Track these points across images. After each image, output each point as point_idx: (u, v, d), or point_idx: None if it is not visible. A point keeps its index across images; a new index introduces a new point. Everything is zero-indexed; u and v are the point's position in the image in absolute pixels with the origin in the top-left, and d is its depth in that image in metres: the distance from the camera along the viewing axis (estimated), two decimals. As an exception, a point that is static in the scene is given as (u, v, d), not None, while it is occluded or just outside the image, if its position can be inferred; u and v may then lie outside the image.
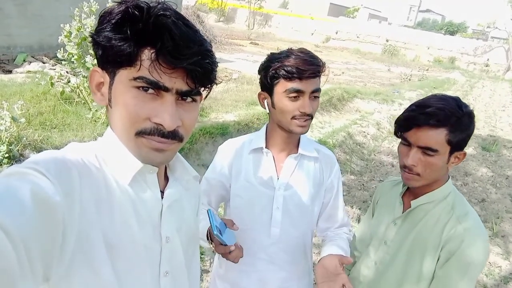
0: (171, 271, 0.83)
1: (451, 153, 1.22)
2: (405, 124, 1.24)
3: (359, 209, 4.38)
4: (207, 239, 1.27)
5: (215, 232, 1.10)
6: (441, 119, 1.16)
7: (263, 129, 1.46)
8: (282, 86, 1.28)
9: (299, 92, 1.26)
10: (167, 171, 0.89)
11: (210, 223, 1.12)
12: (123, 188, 0.75)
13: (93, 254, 0.67)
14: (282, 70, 1.26)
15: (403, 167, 1.27)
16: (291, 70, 1.25)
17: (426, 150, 1.20)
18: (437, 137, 1.18)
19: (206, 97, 0.82)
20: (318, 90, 1.31)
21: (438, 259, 1.23)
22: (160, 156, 0.74)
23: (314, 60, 1.28)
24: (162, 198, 0.83)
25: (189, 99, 0.75)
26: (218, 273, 1.56)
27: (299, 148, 1.41)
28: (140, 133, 0.71)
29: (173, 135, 0.73)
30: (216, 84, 0.79)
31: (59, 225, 0.59)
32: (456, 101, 1.21)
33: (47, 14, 7.68)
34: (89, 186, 0.69)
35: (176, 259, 0.85)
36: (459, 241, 1.18)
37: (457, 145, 1.20)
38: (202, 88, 0.76)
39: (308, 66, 1.25)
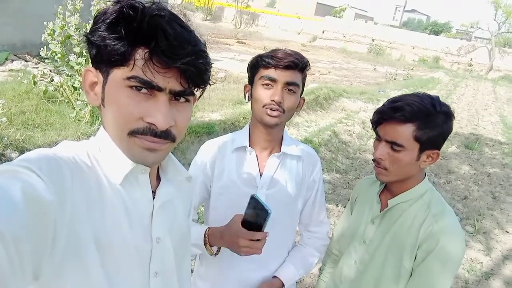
0: (161, 271, 0.83)
1: (421, 150, 1.21)
2: (376, 118, 1.26)
3: (344, 207, 4.41)
4: (204, 242, 1.31)
5: (270, 211, 1.06)
6: (407, 114, 1.16)
7: (246, 127, 1.45)
8: (259, 74, 1.33)
9: (272, 81, 1.29)
10: (159, 171, 0.89)
11: (262, 204, 1.07)
12: (114, 187, 0.75)
13: (83, 253, 0.67)
14: (262, 60, 1.31)
15: (373, 160, 1.30)
16: (267, 59, 1.30)
17: (393, 144, 1.21)
18: (403, 132, 1.18)
19: (199, 97, 0.82)
20: (294, 84, 1.30)
21: (415, 258, 1.23)
22: (152, 156, 0.74)
23: (295, 55, 1.30)
24: (154, 198, 0.83)
25: (182, 99, 0.75)
26: (199, 272, 1.54)
27: (282, 147, 1.41)
28: (132, 133, 0.71)
29: (166, 135, 0.73)
30: (210, 84, 0.79)
31: (50, 224, 0.59)
32: (432, 99, 1.20)
33: (30, 11, 7.55)
34: (81, 185, 0.69)
35: (166, 260, 0.85)
36: (435, 240, 1.18)
37: (427, 143, 1.19)
38: (196, 89, 0.76)
39: (284, 56, 1.28)
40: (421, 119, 1.17)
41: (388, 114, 1.21)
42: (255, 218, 1.13)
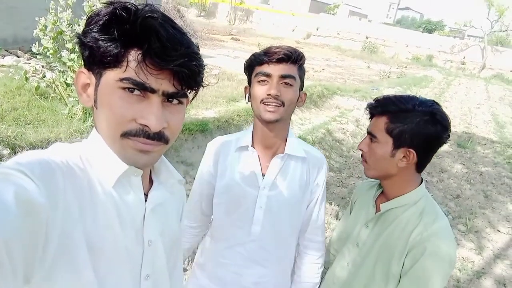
0: (152, 274, 0.83)
1: (396, 147, 1.23)
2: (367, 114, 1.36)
3: (338, 205, 4.42)
4: None
5: None
6: (380, 107, 1.27)
7: (251, 127, 1.46)
8: (254, 72, 1.33)
9: (267, 76, 1.29)
10: (152, 174, 0.89)
11: None
12: (107, 190, 0.75)
13: (75, 256, 0.67)
14: (256, 58, 1.32)
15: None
16: (260, 56, 1.31)
17: (371, 136, 1.29)
18: (378, 124, 1.26)
19: (192, 99, 0.82)
20: (289, 76, 1.29)
21: (403, 265, 1.22)
22: (145, 157, 0.74)
23: (288, 48, 1.30)
24: (146, 201, 0.82)
25: (175, 101, 0.75)
26: (198, 262, 1.58)
27: (285, 148, 1.40)
28: (125, 135, 0.71)
29: (159, 137, 0.73)
30: (203, 86, 0.79)
31: (42, 227, 0.59)
32: (416, 100, 1.24)
33: (21, 6, 7.45)
34: (73, 187, 0.68)
35: (157, 263, 0.85)
36: (423, 248, 1.17)
37: (399, 138, 1.22)
38: (189, 90, 0.77)
39: (277, 51, 1.28)
40: (393, 112, 1.23)
41: (369, 107, 1.32)
42: None
